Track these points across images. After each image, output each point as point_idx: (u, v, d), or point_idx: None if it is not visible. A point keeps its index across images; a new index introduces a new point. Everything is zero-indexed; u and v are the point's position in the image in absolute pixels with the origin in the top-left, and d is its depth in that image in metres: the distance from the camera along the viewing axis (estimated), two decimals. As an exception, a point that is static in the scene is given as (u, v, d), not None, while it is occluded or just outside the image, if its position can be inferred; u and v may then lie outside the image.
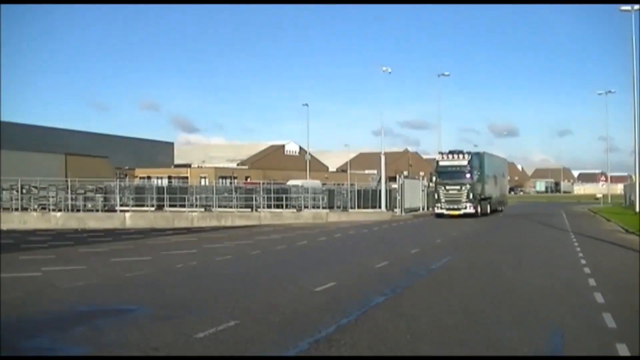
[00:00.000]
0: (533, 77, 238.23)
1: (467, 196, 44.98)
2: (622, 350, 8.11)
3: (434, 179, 48.19)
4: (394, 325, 9.52)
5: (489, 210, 49.09)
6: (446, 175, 46.22)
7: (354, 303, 11.45)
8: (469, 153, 47.08)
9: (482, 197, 47.37)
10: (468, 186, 45.15)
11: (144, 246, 26.70)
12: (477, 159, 47.49)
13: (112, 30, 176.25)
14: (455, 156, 46.72)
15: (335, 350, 8.15)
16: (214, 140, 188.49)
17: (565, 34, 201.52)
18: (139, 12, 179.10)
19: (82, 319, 10.22)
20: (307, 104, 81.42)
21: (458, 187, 45.22)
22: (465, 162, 45.93)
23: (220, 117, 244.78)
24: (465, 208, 44.84)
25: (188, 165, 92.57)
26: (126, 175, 79.02)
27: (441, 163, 47.14)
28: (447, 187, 45.64)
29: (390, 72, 56.90)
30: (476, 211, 45.28)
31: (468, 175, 45.51)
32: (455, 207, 45.08)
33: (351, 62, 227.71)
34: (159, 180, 74.88)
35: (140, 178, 79.43)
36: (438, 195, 46.45)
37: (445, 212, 45.48)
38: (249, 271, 17.37)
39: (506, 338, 8.77)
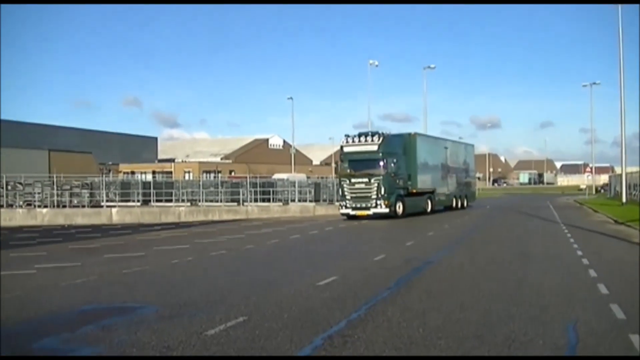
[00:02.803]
0: (515, 70, 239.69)
1: (378, 191, 36.14)
2: (636, 341, 8.07)
3: (340, 168, 39.38)
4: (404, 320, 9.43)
5: (429, 208, 41.18)
6: (353, 164, 37.30)
7: (360, 297, 11.35)
8: (381, 135, 37.04)
9: (407, 191, 38.80)
10: (380, 178, 36.18)
11: (134, 242, 26.48)
12: (396, 142, 38.51)
13: (94, 26, 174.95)
14: (364, 139, 37.08)
15: (351, 346, 8.04)
16: (197, 135, 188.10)
17: (546, 27, 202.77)
18: (121, 9, 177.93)
19: (89, 318, 10.01)
20: (291, 98, 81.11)
21: (366, 180, 36.47)
22: (374, 147, 36.45)
23: (203, 112, 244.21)
24: (376, 206, 36.20)
25: (172, 160, 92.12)
26: (110, 170, 78.47)
27: (346, 149, 37.85)
28: (352, 180, 36.94)
29: (377, 66, 56.81)
30: (391, 210, 36.54)
31: (381, 164, 36.23)
32: (363, 205, 36.53)
33: (334, 55, 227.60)
34: (143, 176, 74.63)
35: (124, 173, 79.06)
36: (342, 191, 37.64)
37: (351, 212, 37.07)
38: (247, 266, 17.22)
39: (522, 332, 8.68)
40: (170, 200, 46.49)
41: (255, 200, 46.48)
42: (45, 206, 43.61)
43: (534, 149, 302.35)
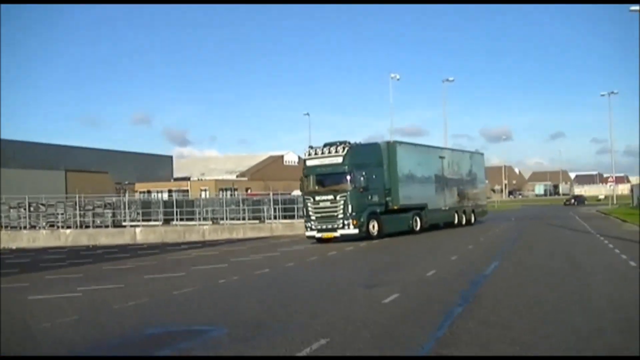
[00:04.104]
0: (524, 81, 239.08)
1: (345, 209, 30.85)
2: None
3: (303, 185, 33.43)
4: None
5: (417, 226, 35.51)
6: (317, 179, 32.35)
7: (432, 313, 10.96)
8: (347, 144, 31.70)
9: (386, 208, 33.55)
10: (346, 194, 30.94)
11: (168, 262, 26.17)
12: (367, 152, 33.42)
13: (100, 43, 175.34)
14: (327, 151, 31.98)
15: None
16: (207, 152, 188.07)
17: (555, 37, 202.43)
18: (127, 25, 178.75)
19: (161, 341, 9.65)
20: (308, 114, 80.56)
21: (331, 197, 31.30)
22: (339, 159, 31.37)
23: (214, 129, 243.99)
24: (343, 227, 30.85)
25: (187, 179, 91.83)
26: (126, 190, 78.31)
27: (309, 163, 32.62)
28: (317, 198, 31.76)
29: (398, 79, 56.32)
30: (362, 230, 31.02)
31: (347, 178, 31.13)
32: (329, 226, 31.20)
33: (344, 70, 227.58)
34: (160, 194, 74.32)
35: (140, 192, 78.73)
36: (306, 211, 32.46)
37: (317, 234, 31.60)
38: (297, 284, 16.81)
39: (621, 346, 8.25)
40: (192, 219, 46.03)
41: (276, 217, 45.96)
42: (68, 227, 43.36)
43: (546, 160, 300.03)
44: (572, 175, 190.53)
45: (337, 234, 31.05)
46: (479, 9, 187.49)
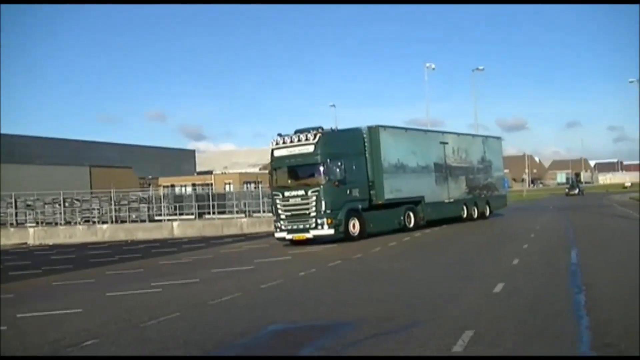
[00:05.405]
0: (539, 70, 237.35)
1: (318, 206, 26.37)
2: None
3: (272, 179, 28.92)
4: None
5: (410, 223, 30.64)
6: (288, 172, 28.01)
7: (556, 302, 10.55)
8: (319, 131, 27.08)
9: (370, 203, 28.81)
10: (318, 189, 26.46)
11: (223, 255, 25.73)
12: (344, 139, 28.59)
13: (114, 38, 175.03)
14: (297, 138, 27.34)
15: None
16: (223, 146, 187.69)
17: (570, 26, 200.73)
18: (141, 19, 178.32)
19: (294, 339, 9.12)
20: (334, 105, 79.42)
21: (301, 192, 26.87)
22: (310, 148, 26.77)
23: (229, 124, 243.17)
24: (316, 227, 26.39)
25: (210, 172, 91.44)
26: (150, 184, 78.01)
27: (277, 153, 27.85)
28: (286, 194, 27.24)
29: (434, 69, 55.34)
30: (338, 231, 26.53)
31: (320, 169, 26.76)
32: (301, 226, 26.79)
33: (361, 63, 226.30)
34: (184, 188, 73.94)
35: (164, 187, 78.32)
36: (275, 208, 27.97)
37: (287, 235, 27.14)
38: (385, 275, 16.18)
39: None
40: (223, 212, 45.48)
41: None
42: (105, 222, 42.97)
43: (562, 148, 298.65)
44: (592, 163, 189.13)
45: (310, 234, 26.63)
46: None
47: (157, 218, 44.31)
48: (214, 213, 45.25)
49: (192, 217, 45.23)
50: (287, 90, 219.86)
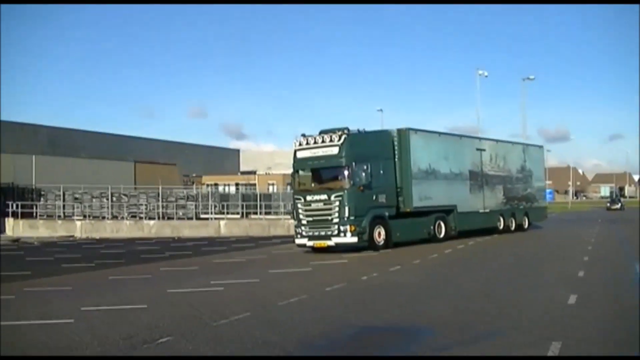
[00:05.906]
0: (584, 81, 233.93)
1: (341, 212, 24.84)
2: None
3: (294, 182, 27.62)
4: None
5: (441, 233, 28.84)
6: (311, 175, 26.62)
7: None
8: (344, 132, 25.43)
9: (398, 211, 27.09)
10: (342, 193, 24.96)
11: (276, 256, 25.50)
12: (371, 141, 26.94)
13: (157, 34, 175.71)
14: (321, 140, 25.87)
15: None
16: (264, 146, 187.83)
17: (615, 38, 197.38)
18: (181, 13, 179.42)
19: (378, 341, 8.82)
20: (381, 109, 78.19)
21: (324, 197, 25.35)
22: (334, 150, 25.31)
23: (270, 123, 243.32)
24: (338, 234, 24.82)
25: (254, 172, 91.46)
26: (193, 182, 78.34)
27: (300, 154, 26.52)
28: (308, 198, 25.75)
29: (486, 76, 54.78)
30: (362, 239, 24.86)
31: (344, 173, 25.20)
32: (322, 232, 25.28)
33: (403, 67, 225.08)
34: (227, 187, 74.15)
35: (208, 185, 78.58)
36: (296, 213, 26.42)
37: (307, 242, 25.71)
38: (449, 282, 15.71)
39: None
40: (269, 213, 45.36)
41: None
42: (151, 218, 43.03)
43: (604, 161, 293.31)
44: (636, 177, 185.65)
45: (332, 242, 25.08)
46: (538, 8, 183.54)
47: (202, 216, 44.35)
48: (260, 213, 45.23)
49: (238, 216, 45.24)
50: (334, 91, 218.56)
